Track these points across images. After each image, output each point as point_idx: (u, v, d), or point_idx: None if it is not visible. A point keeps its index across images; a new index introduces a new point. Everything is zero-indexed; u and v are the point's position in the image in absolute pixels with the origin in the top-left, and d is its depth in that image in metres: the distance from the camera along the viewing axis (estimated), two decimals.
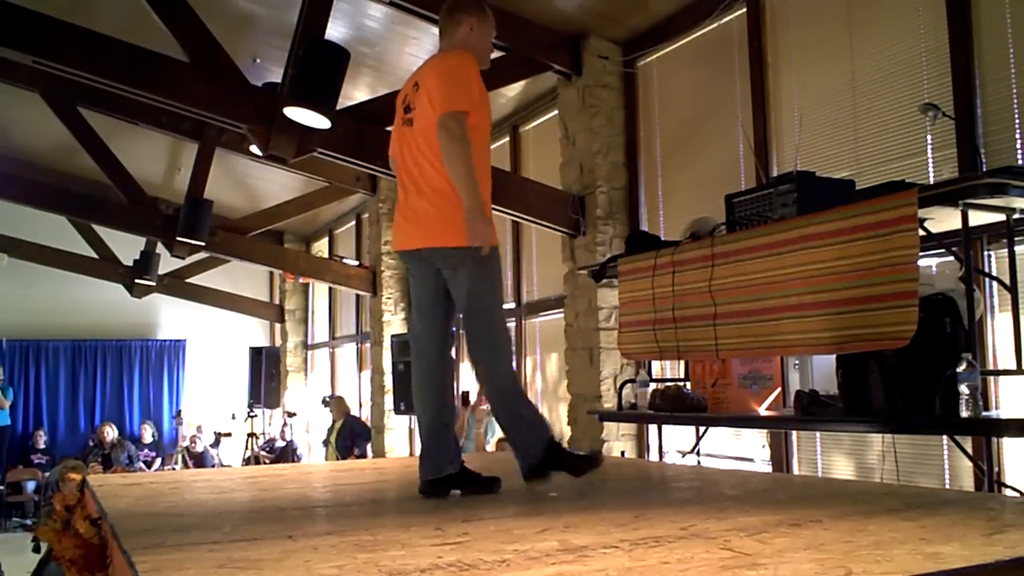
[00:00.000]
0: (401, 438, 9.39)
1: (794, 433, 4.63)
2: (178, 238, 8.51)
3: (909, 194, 3.05)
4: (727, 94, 5.12)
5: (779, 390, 4.00)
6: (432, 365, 2.97)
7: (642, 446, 5.67)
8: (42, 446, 11.40)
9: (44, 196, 8.87)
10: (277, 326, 13.07)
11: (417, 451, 9.10)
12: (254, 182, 10.20)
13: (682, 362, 4.83)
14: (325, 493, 3.16)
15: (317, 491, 3.25)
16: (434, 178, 2.83)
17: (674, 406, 4.30)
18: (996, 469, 3.41)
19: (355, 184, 9.01)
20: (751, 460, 4.90)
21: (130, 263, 10.68)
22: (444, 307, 2.97)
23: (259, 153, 6.00)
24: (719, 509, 2.31)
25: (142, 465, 11.18)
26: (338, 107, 4.93)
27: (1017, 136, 3.70)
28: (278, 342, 12.91)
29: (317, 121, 4.90)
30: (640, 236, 4.85)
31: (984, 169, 3.64)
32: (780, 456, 4.67)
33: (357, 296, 10.56)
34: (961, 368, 2.89)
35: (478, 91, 2.84)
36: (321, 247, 12.05)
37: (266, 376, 11.84)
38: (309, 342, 12.73)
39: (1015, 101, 3.70)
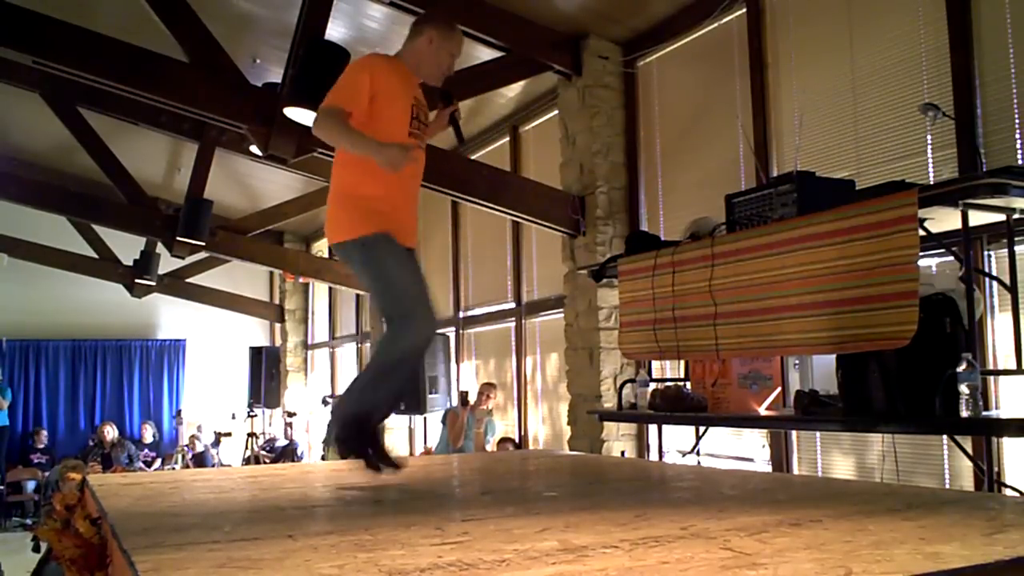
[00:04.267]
0: (401, 438, 9.39)
1: (794, 433, 4.63)
2: (178, 238, 8.52)
3: (909, 194, 3.06)
4: (727, 94, 5.12)
5: (779, 390, 4.00)
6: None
7: (642, 446, 5.67)
8: (42, 446, 11.40)
9: (44, 196, 8.88)
10: (277, 326, 13.08)
11: (417, 451, 9.04)
12: (254, 182, 10.20)
13: (682, 362, 4.83)
14: (325, 493, 3.16)
15: (317, 491, 3.25)
16: (333, 178, 3.05)
17: (674, 406, 4.30)
18: (996, 469, 3.41)
19: None
20: (751, 460, 4.90)
21: (130, 263, 10.69)
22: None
23: (259, 153, 6.00)
24: (719, 509, 2.31)
25: (142, 465, 11.18)
26: None
27: (1017, 136, 3.70)
28: (278, 342, 12.91)
29: None
30: (640, 236, 4.85)
31: (984, 169, 3.64)
32: (780, 456, 4.67)
33: (357, 296, 10.57)
34: (961, 368, 2.89)
35: (367, 91, 2.92)
36: (321, 247, 12.04)
37: (266, 376, 11.85)
38: (309, 342, 12.74)
39: (1015, 101, 3.70)
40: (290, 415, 11.83)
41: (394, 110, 2.99)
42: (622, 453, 5.50)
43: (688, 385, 4.57)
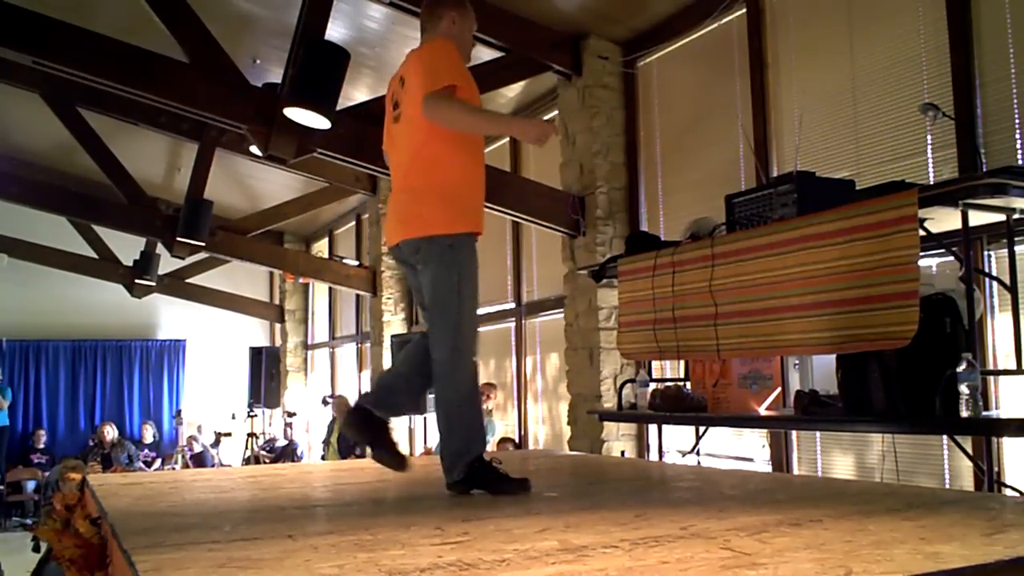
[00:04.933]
0: (401, 438, 9.40)
1: (794, 433, 4.63)
2: (178, 238, 8.51)
3: (909, 194, 3.05)
4: (727, 94, 5.12)
5: (779, 390, 4.00)
6: (417, 348, 2.95)
7: (642, 446, 5.67)
8: (42, 446, 11.40)
9: (44, 196, 8.87)
10: (277, 326, 13.08)
11: (417, 451, 9.04)
12: (254, 182, 10.20)
13: (682, 362, 4.83)
14: (325, 493, 3.16)
15: (317, 491, 3.25)
16: (412, 175, 2.86)
17: (674, 406, 4.30)
18: (996, 469, 3.40)
19: (355, 184, 9.02)
20: (751, 460, 4.90)
21: (130, 263, 10.69)
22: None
23: (259, 153, 6.00)
24: (719, 509, 2.31)
25: (142, 465, 11.18)
26: (338, 107, 4.93)
27: (1017, 136, 3.70)
28: (278, 342, 12.91)
29: (317, 121, 4.90)
30: (640, 236, 4.85)
31: (984, 169, 3.64)
32: (780, 456, 4.67)
33: (357, 296, 10.57)
34: (961, 368, 2.89)
35: (461, 70, 2.82)
36: (321, 247, 12.05)
37: (266, 376, 11.85)
38: (309, 342, 12.74)
39: (1015, 101, 3.70)
40: (290, 415, 11.83)
41: (476, 95, 2.90)
42: (622, 453, 5.50)
43: (688, 385, 4.57)
